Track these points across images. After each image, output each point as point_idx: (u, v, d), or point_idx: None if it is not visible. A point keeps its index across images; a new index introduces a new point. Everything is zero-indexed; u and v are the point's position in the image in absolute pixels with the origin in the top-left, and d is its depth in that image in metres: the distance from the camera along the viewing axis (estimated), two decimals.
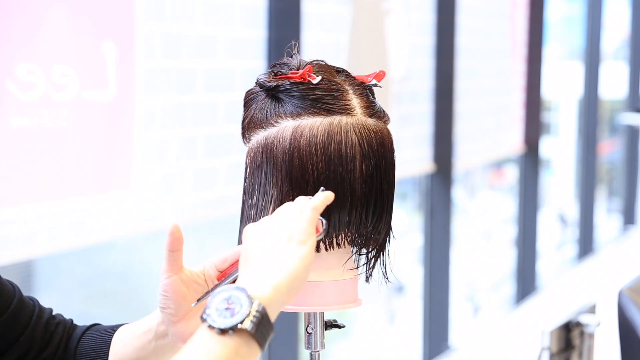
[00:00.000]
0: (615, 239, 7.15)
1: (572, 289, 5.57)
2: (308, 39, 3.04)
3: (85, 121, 2.20)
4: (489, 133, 4.76)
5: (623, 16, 7.55)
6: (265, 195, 1.09)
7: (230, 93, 2.69)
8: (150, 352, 1.17)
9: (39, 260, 3.09)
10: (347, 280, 1.10)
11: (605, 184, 8.02)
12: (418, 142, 3.95)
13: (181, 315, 1.11)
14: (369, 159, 1.07)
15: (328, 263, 1.09)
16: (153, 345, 1.16)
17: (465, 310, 5.64)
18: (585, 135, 6.57)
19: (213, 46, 2.62)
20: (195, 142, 2.58)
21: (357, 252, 1.12)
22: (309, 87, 1.08)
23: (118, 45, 2.27)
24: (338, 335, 4.39)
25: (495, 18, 4.80)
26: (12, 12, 2.00)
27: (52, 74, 2.10)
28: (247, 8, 2.77)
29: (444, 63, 4.10)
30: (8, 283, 1.20)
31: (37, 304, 1.22)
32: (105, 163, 2.27)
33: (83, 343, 1.22)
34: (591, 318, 1.88)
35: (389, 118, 1.12)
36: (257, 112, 1.11)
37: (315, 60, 1.13)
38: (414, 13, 3.87)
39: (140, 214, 2.41)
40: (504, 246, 6.04)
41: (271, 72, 1.13)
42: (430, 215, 4.20)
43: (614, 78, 7.36)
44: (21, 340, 1.17)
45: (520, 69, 5.15)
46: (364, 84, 1.13)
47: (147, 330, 1.17)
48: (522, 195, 5.46)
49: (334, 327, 1.13)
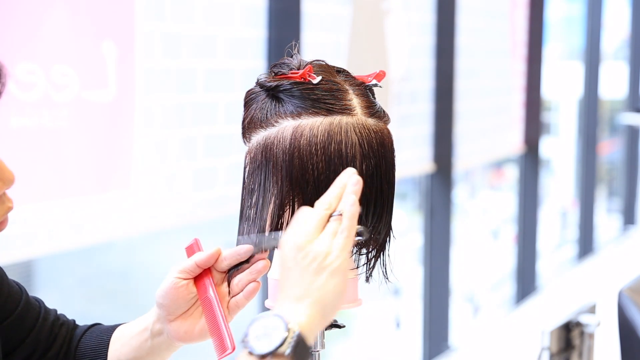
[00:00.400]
0: (615, 239, 7.15)
1: (572, 289, 5.57)
2: (308, 39, 3.04)
3: (85, 121, 2.20)
4: (489, 133, 4.76)
5: (623, 16, 7.55)
6: (265, 194, 1.09)
7: (230, 93, 2.69)
8: (147, 350, 1.17)
9: (39, 260, 3.09)
10: (347, 280, 1.10)
11: (605, 184, 8.02)
12: (418, 142, 3.95)
13: (177, 314, 1.12)
14: (369, 159, 1.07)
15: None
16: (149, 344, 1.17)
17: (465, 310, 5.64)
18: (585, 135, 6.57)
19: (213, 46, 2.62)
20: (195, 142, 2.58)
21: (357, 252, 1.12)
22: (309, 87, 1.08)
23: (118, 45, 2.27)
24: (338, 335, 4.39)
25: (495, 18, 4.80)
26: (12, 12, 2.00)
27: (52, 74, 2.10)
28: (247, 8, 2.77)
29: (444, 63, 4.10)
30: (15, 284, 1.20)
31: (42, 305, 1.22)
32: (105, 163, 2.27)
33: (83, 343, 1.22)
34: (591, 318, 1.88)
35: (389, 118, 1.12)
36: (257, 112, 1.11)
37: (315, 60, 1.13)
38: (414, 13, 3.87)
39: (140, 214, 2.41)
40: (503, 246, 6.04)
41: (271, 72, 1.13)
42: (430, 215, 4.20)
43: (614, 78, 7.36)
44: (27, 342, 1.18)
45: (520, 69, 5.15)
46: (364, 84, 1.13)
47: (143, 329, 1.17)
48: (522, 195, 5.46)
49: (333, 327, 1.13)
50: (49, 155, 2.11)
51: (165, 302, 1.11)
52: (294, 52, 1.15)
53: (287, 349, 0.90)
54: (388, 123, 1.12)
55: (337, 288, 0.95)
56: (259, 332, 0.91)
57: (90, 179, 2.23)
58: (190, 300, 1.12)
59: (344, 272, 0.96)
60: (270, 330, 0.91)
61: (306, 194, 1.05)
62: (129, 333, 1.19)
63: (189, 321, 1.12)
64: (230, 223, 1.21)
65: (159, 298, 1.12)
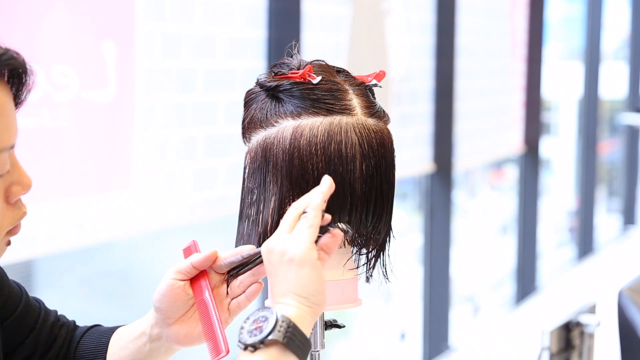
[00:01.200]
0: (615, 239, 7.15)
1: (572, 289, 5.57)
2: (308, 39, 3.04)
3: (85, 121, 2.20)
4: (489, 133, 4.76)
5: (623, 16, 7.55)
6: (265, 194, 1.08)
7: (230, 93, 2.69)
8: (146, 354, 1.17)
9: (39, 260, 3.09)
10: (347, 280, 1.10)
11: (605, 184, 8.02)
12: (418, 142, 3.95)
13: (175, 318, 1.11)
14: (369, 159, 1.07)
15: (329, 263, 1.09)
16: (148, 348, 1.16)
17: (465, 310, 5.64)
18: (585, 135, 6.57)
19: (213, 46, 2.62)
20: (195, 142, 2.58)
21: (357, 252, 1.12)
22: (309, 87, 1.08)
23: (118, 45, 2.27)
24: (338, 335, 4.38)
25: (495, 18, 4.80)
26: (12, 12, 2.00)
27: (52, 74, 2.10)
28: (247, 8, 2.77)
29: (444, 63, 4.10)
30: (15, 285, 1.19)
31: (42, 306, 1.22)
32: (105, 163, 2.27)
33: (82, 345, 1.22)
34: (591, 318, 1.88)
35: (389, 118, 1.12)
36: (257, 112, 1.10)
37: (315, 60, 1.12)
38: (414, 13, 3.87)
39: (140, 214, 2.41)
40: (504, 246, 6.04)
41: (271, 72, 1.13)
42: (430, 215, 4.20)
43: (614, 78, 7.35)
44: (26, 343, 1.17)
45: (520, 69, 5.15)
46: (364, 84, 1.12)
47: (140, 333, 1.17)
48: (522, 196, 5.46)
49: (334, 327, 1.13)
50: (49, 155, 2.11)
51: (162, 306, 1.10)
52: (294, 52, 1.15)
53: (281, 336, 0.92)
54: (388, 123, 1.12)
55: (310, 277, 0.97)
56: (252, 327, 0.94)
57: (90, 179, 2.23)
58: (188, 303, 1.11)
59: (311, 262, 0.97)
60: (261, 323, 0.94)
61: (306, 193, 1.05)
62: (127, 336, 1.19)
63: (188, 324, 1.12)
64: (230, 223, 1.21)
65: (156, 302, 1.11)
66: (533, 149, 5.37)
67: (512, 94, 5.05)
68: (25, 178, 0.97)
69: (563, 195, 7.39)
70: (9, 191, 0.96)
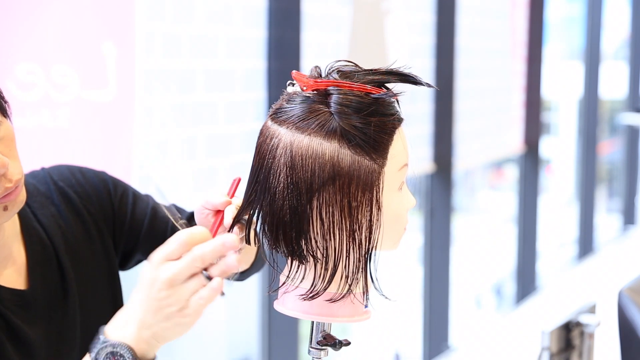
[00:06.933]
0: (615, 239, 7.15)
1: (572, 289, 5.57)
2: (308, 39, 3.04)
3: (85, 121, 2.20)
4: (489, 133, 4.76)
5: (623, 16, 7.55)
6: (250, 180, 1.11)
7: (230, 93, 2.69)
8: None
9: None
10: (357, 293, 1.11)
11: (605, 184, 8.02)
12: (418, 142, 3.95)
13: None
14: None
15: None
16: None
17: (466, 310, 5.64)
18: (585, 135, 6.57)
19: (213, 46, 2.63)
20: (195, 142, 2.58)
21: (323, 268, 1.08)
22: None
23: (118, 46, 2.27)
24: (338, 335, 4.37)
25: (495, 18, 4.80)
26: (12, 12, 2.00)
27: (52, 74, 2.10)
28: (247, 8, 2.77)
29: (444, 63, 4.10)
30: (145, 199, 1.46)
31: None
32: (105, 163, 2.27)
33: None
34: (591, 318, 1.88)
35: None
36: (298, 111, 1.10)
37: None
38: (414, 13, 3.87)
39: None
40: (504, 246, 6.04)
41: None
42: (430, 215, 4.20)
43: (614, 78, 7.36)
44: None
45: (520, 69, 5.15)
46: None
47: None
48: (522, 195, 5.46)
49: (342, 346, 1.15)
50: (49, 155, 2.11)
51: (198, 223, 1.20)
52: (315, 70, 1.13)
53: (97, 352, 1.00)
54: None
55: (177, 334, 1.01)
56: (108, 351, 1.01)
57: None
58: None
59: (191, 325, 1.01)
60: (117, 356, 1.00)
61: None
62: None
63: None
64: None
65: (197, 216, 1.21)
66: (533, 149, 5.38)
67: (512, 94, 5.05)
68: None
69: (563, 195, 7.39)
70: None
